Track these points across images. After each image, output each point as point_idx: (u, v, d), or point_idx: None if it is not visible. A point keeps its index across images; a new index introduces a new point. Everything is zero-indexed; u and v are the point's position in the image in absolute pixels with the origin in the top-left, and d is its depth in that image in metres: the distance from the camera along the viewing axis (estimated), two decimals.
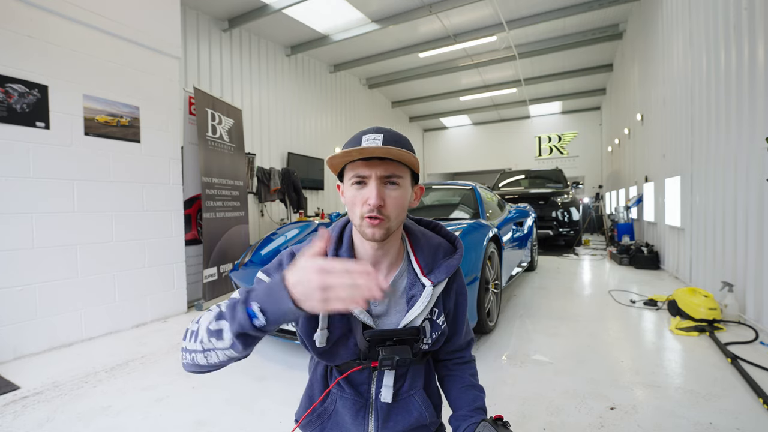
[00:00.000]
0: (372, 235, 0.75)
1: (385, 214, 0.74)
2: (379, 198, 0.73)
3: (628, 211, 7.09)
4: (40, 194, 2.50)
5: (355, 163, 0.75)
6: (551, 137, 13.85)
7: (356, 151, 0.72)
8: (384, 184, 0.75)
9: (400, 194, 0.76)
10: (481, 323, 2.52)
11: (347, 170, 0.78)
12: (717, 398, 1.78)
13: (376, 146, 0.72)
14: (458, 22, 7.25)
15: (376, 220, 0.74)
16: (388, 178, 0.75)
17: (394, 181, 0.76)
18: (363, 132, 0.78)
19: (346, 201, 0.79)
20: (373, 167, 0.74)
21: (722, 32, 3.14)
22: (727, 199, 3.07)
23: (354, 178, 0.76)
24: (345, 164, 0.78)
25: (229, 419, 1.70)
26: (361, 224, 0.76)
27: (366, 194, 0.74)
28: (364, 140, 0.75)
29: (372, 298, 0.57)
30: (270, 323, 0.61)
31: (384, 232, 0.75)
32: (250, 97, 7.46)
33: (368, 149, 0.72)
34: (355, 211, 0.76)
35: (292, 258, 0.81)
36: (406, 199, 0.78)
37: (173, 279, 3.32)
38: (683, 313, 2.89)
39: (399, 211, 0.77)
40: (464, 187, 3.88)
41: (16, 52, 2.39)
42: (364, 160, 0.74)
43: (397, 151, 0.72)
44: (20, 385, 2.03)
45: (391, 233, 0.77)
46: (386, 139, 0.75)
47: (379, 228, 0.74)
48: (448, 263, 0.85)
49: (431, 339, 0.84)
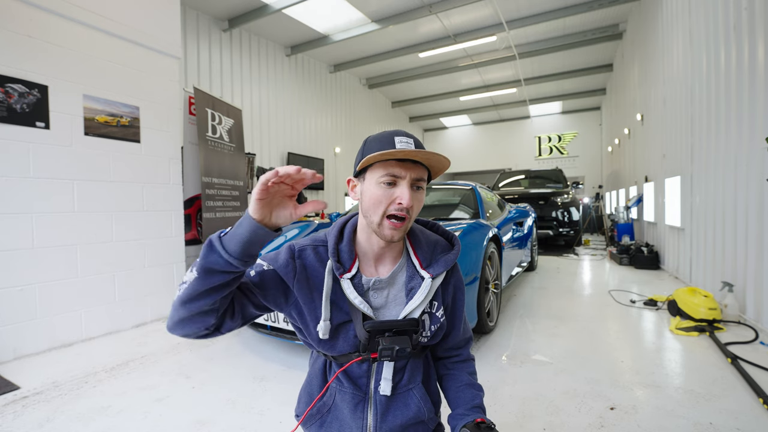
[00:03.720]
0: (391, 237, 0.79)
1: (410, 215, 0.78)
2: (412, 199, 0.77)
3: (628, 211, 7.09)
4: (40, 194, 2.49)
5: (389, 163, 0.77)
6: (551, 137, 13.86)
7: (401, 152, 0.74)
8: (412, 187, 0.78)
9: (422, 197, 0.82)
10: (481, 323, 2.52)
11: (377, 168, 0.78)
12: (717, 398, 1.78)
13: (416, 149, 0.75)
14: (458, 22, 7.25)
15: (400, 222, 0.77)
16: (417, 181, 0.79)
17: (420, 185, 0.80)
18: (393, 133, 0.80)
19: (369, 197, 0.78)
20: (408, 169, 0.77)
21: (722, 32, 3.14)
22: (727, 199, 3.07)
23: (386, 177, 0.77)
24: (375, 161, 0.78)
25: (229, 419, 1.70)
26: (382, 223, 0.78)
27: (397, 193, 0.77)
28: (398, 142, 0.78)
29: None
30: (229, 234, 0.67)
31: (402, 233, 0.79)
32: (250, 97, 7.46)
33: (415, 152, 0.74)
34: (378, 209, 0.77)
35: (291, 252, 0.83)
36: (423, 202, 0.83)
37: (173, 279, 3.32)
38: (683, 313, 2.89)
39: (418, 213, 0.82)
40: (464, 187, 3.88)
41: (16, 52, 2.39)
42: (399, 161, 0.77)
43: (438, 157, 0.77)
44: (20, 385, 2.03)
45: (405, 234, 0.82)
46: (416, 145, 0.79)
47: (399, 230, 0.78)
48: (446, 258, 0.88)
49: (430, 332, 0.86)
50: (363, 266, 0.85)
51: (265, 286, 0.80)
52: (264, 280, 0.81)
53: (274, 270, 0.81)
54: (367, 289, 0.83)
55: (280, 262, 0.82)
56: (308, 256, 0.83)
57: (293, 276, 0.81)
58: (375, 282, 0.83)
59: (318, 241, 0.86)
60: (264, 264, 0.83)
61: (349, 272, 0.81)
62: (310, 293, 0.82)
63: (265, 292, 0.80)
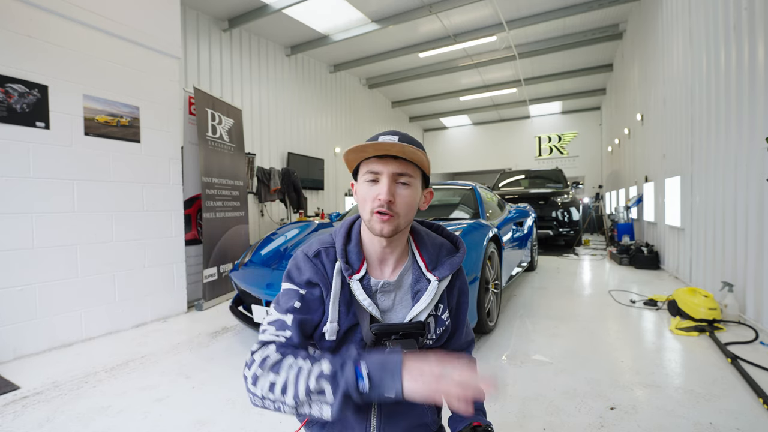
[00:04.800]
0: (380, 231, 0.78)
1: (394, 211, 0.77)
2: (389, 194, 0.76)
3: (628, 211, 7.09)
4: (40, 194, 2.49)
5: (369, 161, 0.79)
6: (551, 137, 13.85)
7: (371, 146, 0.75)
8: (396, 182, 0.78)
9: (409, 193, 0.80)
10: (481, 323, 2.52)
11: (362, 167, 0.81)
12: (717, 398, 1.78)
13: (387, 142, 0.76)
14: (458, 22, 7.25)
15: (386, 216, 0.76)
16: (399, 176, 0.78)
17: (405, 180, 0.79)
18: (380, 133, 0.81)
19: (358, 197, 0.82)
20: (387, 164, 0.78)
21: (722, 32, 3.14)
22: (727, 199, 3.07)
23: (367, 175, 0.79)
24: (360, 162, 0.81)
25: (229, 419, 1.70)
26: (371, 219, 0.78)
27: (377, 190, 0.78)
28: (380, 140, 0.79)
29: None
30: (372, 390, 0.63)
31: (392, 228, 0.78)
32: (250, 97, 7.46)
33: (382, 144, 0.75)
34: (365, 207, 0.79)
35: (307, 258, 0.83)
36: (415, 199, 0.81)
37: (173, 279, 3.32)
38: (683, 313, 2.89)
39: (408, 209, 0.80)
40: (464, 187, 3.88)
41: (16, 52, 2.39)
42: (379, 158, 0.78)
43: (410, 149, 0.76)
44: (20, 385, 2.03)
45: (399, 230, 0.80)
46: (401, 140, 0.79)
47: (388, 224, 0.77)
48: (451, 260, 0.88)
49: (435, 334, 0.86)
50: (369, 268, 0.85)
51: (310, 307, 0.80)
52: (308, 300, 0.80)
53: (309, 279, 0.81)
54: (375, 291, 0.83)
55: (307, 273, 0.81)
56: (323, 258, 0.83)
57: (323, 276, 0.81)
58: (383, 285, 0.83)
59: (327, 243, 0.86)
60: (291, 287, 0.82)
61: (358, 273, 0.81)
62: (326, 292, 0.82)
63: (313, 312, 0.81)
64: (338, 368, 0.65)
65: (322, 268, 0.82)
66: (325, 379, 0.64)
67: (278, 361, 0.71)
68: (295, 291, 0.81)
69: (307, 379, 0.65)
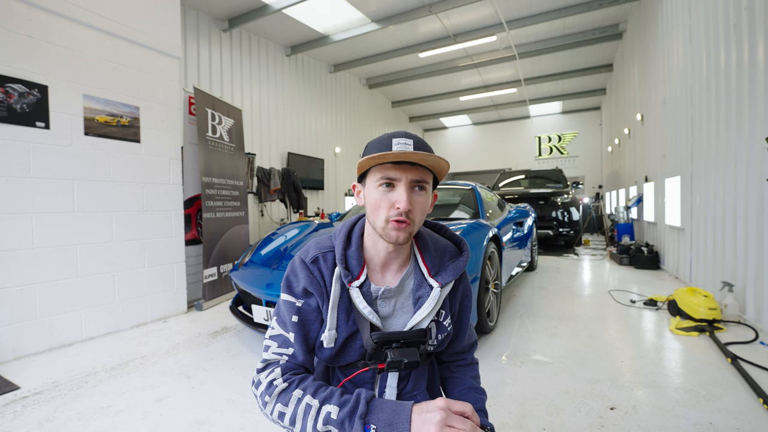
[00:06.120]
0: (396, 238, 0.76)
1: (411, 218, 0.75)
2: (409, 202, 0.74)
3: (628, 211, 7.09)
4: (40, 194, 2.49)
5: (385, 166, 0.75)
6: (551, 137, 13.85)
7: (393, 155, 0.71)
8: (412, 188, 0.76)
9: (425, 199, 0.78)
10: (481, 323, 2.52)
11: (374, 171, 0.77)
12: (717, 398, 1.78)
13: (410, 151, 0.72)
14: (458, 22, 7.25)
15: (403, 224, 0.75)
16: (417, 183, 0.76)
17: (422, 186, 0.77)
18: (391, 135, 0.77)
19: (369, 202, 0.78)
20: (405, 171, 0.75)
21: (722, 32, 3.14)
22: (727, 199, 3.07)
23: (382, 180, 0.75)
24: (370, 165, 0.77)
25: (229, 419, 1.70)
26: (386, 227, 0.76)
27: (395, 197, 0.75)
28: (395, 144, 0.75)
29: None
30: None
31: (407, 235, 0.76)
32: (250, 97, 7.46)
33: (410, 154, 0.72)
34: (379, 214, 0.76)
35: (305, 265, 0.81)
36: (428, 204, 0.80)
37: (173, 279, 3.32)
38: (683, 313, 2.89)
39: (422, 215, 0.78)
40: (464, 187, 3.88)
41: (16, 52, 2.39)
42: (395, 164, 0.74)
43: (435, 158, 0.73)
44: (20, 385, 2.03)
45: (412, 236, 0.79)
46: (416, 145, 0.76)
47: (404, 231, 0.75)
48: (455, 265, 0.85)
49: (437, 340, 0.84)
50: (370, 273, 0.83)
51: (307, 320, 0.80)
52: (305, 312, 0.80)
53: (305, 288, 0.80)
54: (375, 298, 0.81)
55: (303, 281, 0.80)
56: (320, 265, 0.81)
57: (319, 285, 0.80)
58: (384, 291, 0.81)
59: (325, 248, 0.83)
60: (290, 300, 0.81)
61: (357, 279, 0.79)
62: (321, 302, 0.80)
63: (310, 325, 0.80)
64: (346, 418, 0.66)
65: (319, 275, 0.80)
66: (333, 426, 0.66)
67: (285, 390, 0.72)
68: (292, 304, 0.80)
69: (315, 420, 0.67)
